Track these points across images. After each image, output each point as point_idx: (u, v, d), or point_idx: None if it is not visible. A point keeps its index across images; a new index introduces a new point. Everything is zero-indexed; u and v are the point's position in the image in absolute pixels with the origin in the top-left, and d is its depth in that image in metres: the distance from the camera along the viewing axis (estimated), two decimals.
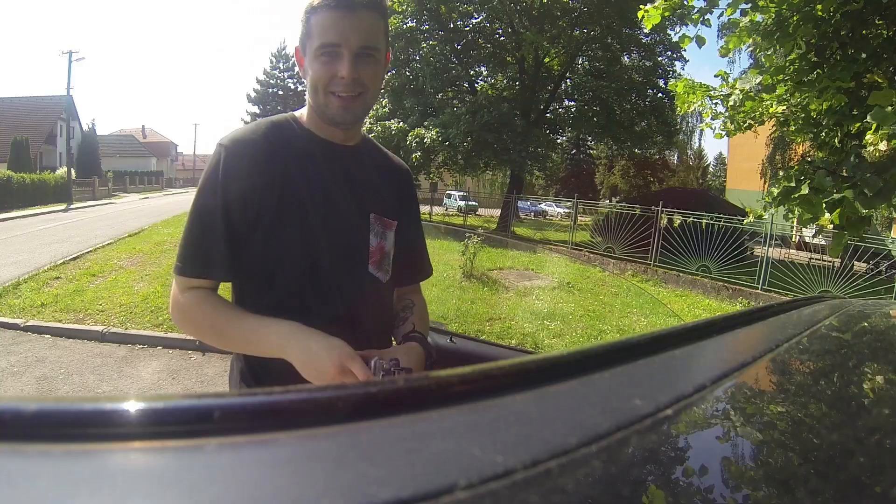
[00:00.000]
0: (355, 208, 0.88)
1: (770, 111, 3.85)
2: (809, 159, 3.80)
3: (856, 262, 6.56)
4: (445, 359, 1.00)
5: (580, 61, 16.57)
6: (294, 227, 0.83)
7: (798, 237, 10.38)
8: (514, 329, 4.45)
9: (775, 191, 3.43)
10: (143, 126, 49.82)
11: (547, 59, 15.30)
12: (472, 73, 16.77)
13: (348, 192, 0.88)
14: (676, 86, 4.22)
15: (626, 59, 16.53)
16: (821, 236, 5.01)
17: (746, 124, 4.06)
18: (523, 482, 0.16)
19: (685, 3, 3.84)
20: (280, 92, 36.61)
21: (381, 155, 0.99)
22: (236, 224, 0.81)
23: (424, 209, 14.26)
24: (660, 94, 15.56)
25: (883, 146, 3.07)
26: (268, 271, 0.84)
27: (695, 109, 4.11)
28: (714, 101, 4.07)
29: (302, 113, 0.91)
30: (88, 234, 9.46)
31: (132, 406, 0.19)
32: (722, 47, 4.02)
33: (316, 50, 0.81)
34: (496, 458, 0.17)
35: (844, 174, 3.06)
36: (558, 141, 19.27)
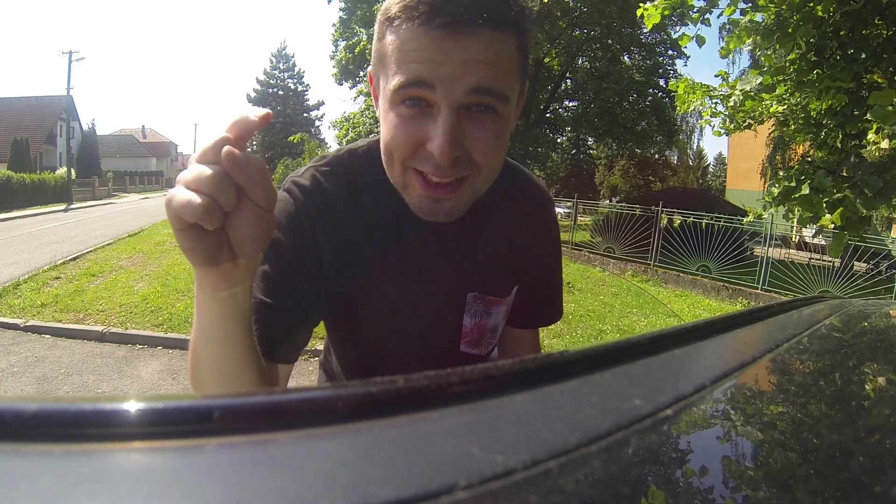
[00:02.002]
0: (447, 287, 0.67)
1: (770, 111, 3.86)
2: (809, 159, 3.80)
3: (856, 262, 6.56)
4: None
5: (580, 61, 16.58)
6: (363, 313, 0.65)
7: (798, 237, 10.38)
8: None
9: (775, 191, 3.43)
10: (143, 126, 49.91)
11: (547, 60, 15.30)
12: None
13: (440, 268, 0.65)
14: (677, 86, 4.22)
15: (626, 58, 16.55)
16: (821, 236, 5.01)
17: (746, 123, 4.07)
18: (523, 482, 0.16)
19: (685, 2, 3.84)
20: (280, 92, 36.61)
21: (503, 207, 0.68)
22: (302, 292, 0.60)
23: None
24: (660, 94, 15.57)
25: (885, 144, 3.07)
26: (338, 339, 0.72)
27: (694, 109, 4.12)
28: (714, 101, 4.08)
29: None
30: (88, 234, 9.46)
31: (132, 406, 0.19)
32: (722, 48, 4.02)
33: (394, 91, 0.50)
34: (496, 458, 0.17)
35: (844, 174, 3.07)
36: (558, 141, 19.29)
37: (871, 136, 3.12)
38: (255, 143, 35.70)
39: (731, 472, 0.23)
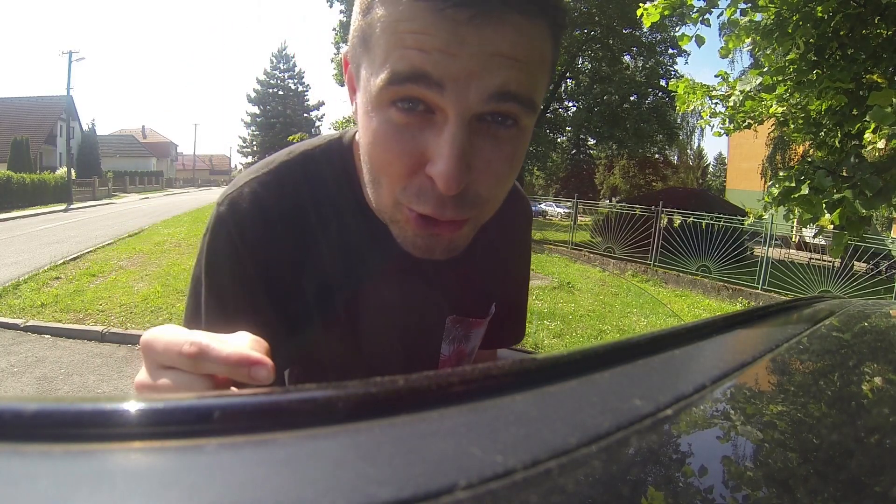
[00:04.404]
0: (423, 313, 0.58)
1: (770, 111, 3.86)
2: (809, 159, 3.80)
3: (856, 262, 6.56)
4: None
5: (580, 62, 16.59)
6: (325, 351, 0.56)
7: (798, 237, 10.38)
8: None
9: (775, 191, 3.43)
10: (143, 126, 49.90)
11: None
12: None
13: (414, 293, 0.57)
14: (677, 86, 4.23)
15: (627, 59, 16.56)
16: (821, 236, 5.02)
17: (746, 123, 4.07)
18: (523, 482, 0.16)
19: (685, 2, 3.84)
20: (280, 92, 36.59)
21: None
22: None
23: None
24: (660, 94, 15.58)
25: (882, 144, 3.08)
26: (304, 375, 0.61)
27: (694, 109, 4.13)
28: (714, 101, 4.08)
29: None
30: (88, 234, 9.46)
31: (132, 406, 0.19)
32: (722, 48, 4.02)
33: (384, 87, 0.38)
34: (496, 458, 0.17)
35: (844, 174, 3.07)
36: (558, 141, 19.30)
37: (867, 135, 3.13)
38: (255, 143, 35.68)
39: (731, 472, 0.23)
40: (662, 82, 15.50)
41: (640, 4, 3.96)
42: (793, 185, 3.28)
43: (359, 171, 0.52)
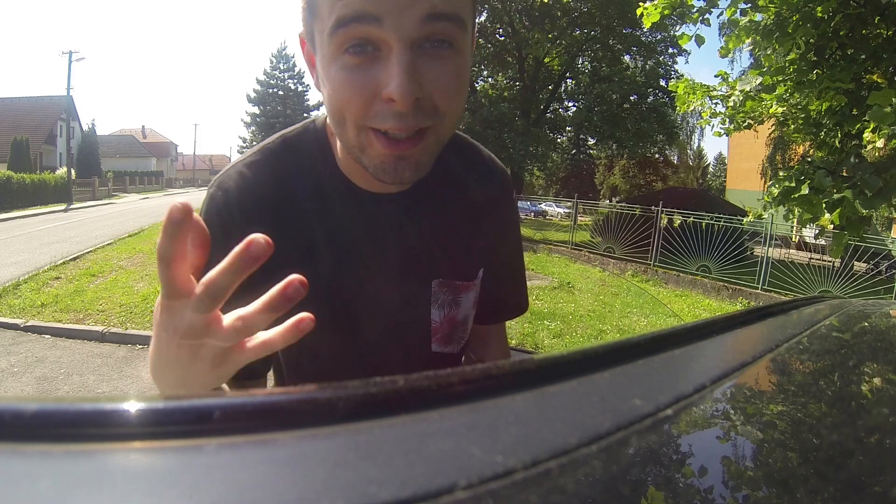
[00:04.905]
0: (409, 277, 0.60)
1: (770, 111, 3.86)
2: (809, 159, 3.80)
3: (856, 262, 6.56)
4: None
5: (580, 62, 16.58)
6: (317, 317, 0.56)
7: (798, 237, 10.38)
8: (511, 329, 4.45)
9: (775, 191, 3.43)
10: (143, 126, 49.84)
11: (547, 59, 15.30)
12: (472, 72, 16.75)
13: (398, 257, 0.59)
14: (677, 86, 4.23)
15: (627, 58, 16.55)
16: (821, 237, 5.02)
17: (746, 123, 4.08)
18: (523, 482, 0.16)
19: (685, 2, 3.84)
20: (280, 92, 36.59)
21: (457, 178, 0.62)
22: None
23: None
24: (660, 94, 15.56)
25: (881, 144, 3.08)
26: (289, 360, 0.63)
27: (694, 109, 4.13)
28: (714, 101, 4.09)
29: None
30: (88, 234, 9.46)
31: (132, 406, 0.19)
32: (722, 48, 4.03)
33: (332, 32, 0.44)
34: (496, 458, 0.17)
35: (844, 174, 3.07)
36: (558, 141, 19.29)
37: (867, 135, 3.13)
38: (255, 143, 35.61)
39: (731, 472, 0.23)
40: (662, 82, 15.47)
41: (640, 4, 3.96)
42: (793, 185, 3.28)
43: (333, 146, 0.58)
